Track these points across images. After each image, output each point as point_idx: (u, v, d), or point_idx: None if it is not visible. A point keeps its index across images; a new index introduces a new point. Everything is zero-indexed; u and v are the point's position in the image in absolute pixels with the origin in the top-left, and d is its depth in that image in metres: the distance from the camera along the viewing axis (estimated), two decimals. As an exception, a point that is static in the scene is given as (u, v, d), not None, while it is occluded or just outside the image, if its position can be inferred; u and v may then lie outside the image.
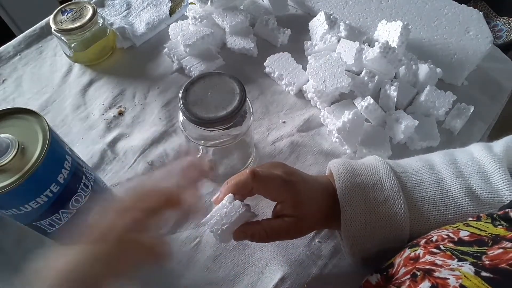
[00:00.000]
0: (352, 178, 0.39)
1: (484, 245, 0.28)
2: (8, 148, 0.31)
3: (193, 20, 0.64)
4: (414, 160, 0.41)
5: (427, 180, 0.38)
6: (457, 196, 0.36)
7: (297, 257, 0.45)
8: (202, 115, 0.40)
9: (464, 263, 0.27)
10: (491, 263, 0.25)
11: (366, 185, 0.38)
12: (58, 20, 0.60)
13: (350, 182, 0.38)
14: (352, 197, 0.37)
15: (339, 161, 0.41)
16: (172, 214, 0.47)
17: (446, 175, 0.38)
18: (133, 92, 0.61)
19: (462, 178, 0.37)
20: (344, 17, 0.66)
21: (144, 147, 0.55)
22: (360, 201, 0.37)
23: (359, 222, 0.37)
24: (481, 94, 0.60)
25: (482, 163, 0.37)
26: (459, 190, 0.36)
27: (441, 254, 0.29)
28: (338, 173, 0.39)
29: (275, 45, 0.65)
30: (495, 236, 0.28)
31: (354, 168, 0.40)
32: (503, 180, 0.35)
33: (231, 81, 0.43)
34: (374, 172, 0.39)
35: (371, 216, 0.37)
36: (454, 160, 0.39)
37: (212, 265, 0.45)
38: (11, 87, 0.63)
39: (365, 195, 0.38)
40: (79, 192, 0.36)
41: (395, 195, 0.37)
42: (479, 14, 0.64)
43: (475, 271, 0.25)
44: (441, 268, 0.28)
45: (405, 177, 0.39)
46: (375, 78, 0.55)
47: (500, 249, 0.26)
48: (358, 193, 0.38)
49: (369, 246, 0.38)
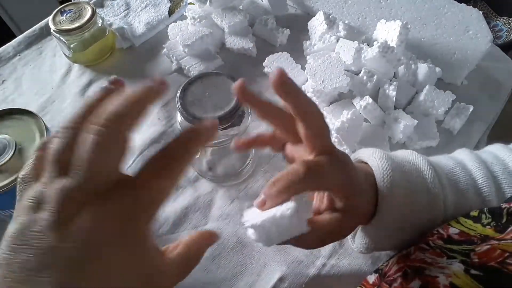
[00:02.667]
0: (394, 172, 0.33)
1: (473, 244, 0.28)
2: (5, 149, 0.31)
3: (192, 20, 0.64)
4: (445, 159, 0.37)
5: (462, 180, 0.35)
6: (487, 197, 0.34)
7: (295, 257, 0.44)
8: (200, 115, 0.40)
9: (453, 261, 0.27)
10: (479, 261, 0.26)
11: (409, 185, 0.34)
12: (57, 20, 0.60)
13: (393, 176, 0.33)
14: (394, 194, 0.33)
15: (377, 151, 0.36)
16: (171, 213, 0.48)
17: (478, 176, 0.35)
18: (132, 92, 0.61)
19: (492, 179, 0.34)
20: (343, 16, 0.66)
21: (143, 147, 0.55)
22: (400, 205, 0.33)
23: (397, 219, 0.33)
24: (480, 94, 0.59)
25: (506, 162, 0.35)
26: (490, 192, 0.34)
27: (430, 251, 0.29)
28: (380, 165, 0.34)
29: (274, 45, 0.65)
30: (484, 237, 0.28)
31: (402, 169, 0.35)
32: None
33: (229, 81, 0.43)
34: (418, 174, 0.34)
35: (409, 217, 0.33)
36: (483, 161, 0.36)
37: (210, 265, 0.45)
38: (11, 87, 0.63)
39: (408, 197, 0.33)
40: (77, 193, 0.36)
41: (436, 198, 0.33)
42: (478, 13, 0.64)
43: (465, 269, 0.25)
44: (431, 266, 0.28)
45: (445, 178, 0.35)
46: (374, 77, 0.55)
47: (487, 246, 0.26)
48: (400, 196, 0.33)
49: (387, 245, 0.36)
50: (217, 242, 0.46)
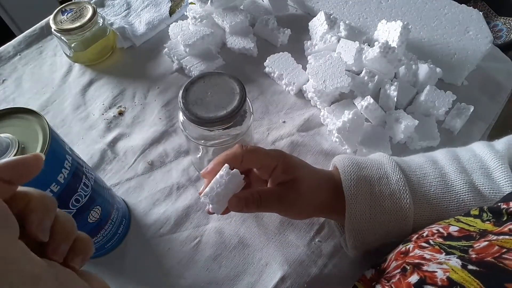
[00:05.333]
0: (358, 171, 0.39)
1: (472, 240, 0.28)
2: (8, 148, 0.31)
3: (193, 20, 0.64)
4: (417, 156, 0.41)
5: (431, 175, 0.38)
6: (460, 191, 0.36)
7: (297, 257, 0.45)
8: (202, 114, 0.40)
9: (451, 257, 0.27)
10: (477, 257, 0.26)
11: (371, 178, 0.38)
12: (58, 20, 0.60)
13: (356, 175, 0.38)
14: (357, 190, 0.37)
15: (344, 156, 0.42)
16: (172, 213, 0.48)
17: (450, 170, 0.38)
18: (133, 92, 0.61)
19: (465, 173, 0.37)
20: (344, 17, 0.66)
21: (144, 147, 0.55)
22: (366, 194, 0.37)
23: (364, 215, 0.37)
24: (481, 94, 0.60)
25: (484, 159, 0.38)
26: (462, 185, 0.36)
27: (429, 248, 0.30)
28: (343, 166, 0.39)
29: (275, 45, 0.65)
30: (482, 231, 0.28)
31: (359, 162, 0.40)
32: (505, 176, 0.35)
33: (231, 81, 0.43)
34: (380, 166, 0.39)
35: (376, 209, 0.37)
36: (457, 156, 0.39)
37: (212, 265, 0.45)
38: (11, 87, 0.63)
39: (371, 189, 0.38)
40: (79, 192, 0.36)
41: (401, 189, 0.37)
42: (478, 14, 0.64)
43: (462, 265, 0.26)
44: (430, 262, 0.28)
45: (409, 172, 0.39)
46: (375, 78, 0.55)
47: (486, 242, 0.27)
48: (363, 186, 0.38)
49: (372, 239, 0.38)
50: (218, 242, 0.47)
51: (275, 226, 0.47)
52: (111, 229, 0.43)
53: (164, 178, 0.52)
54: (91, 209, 0.39)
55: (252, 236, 0.46)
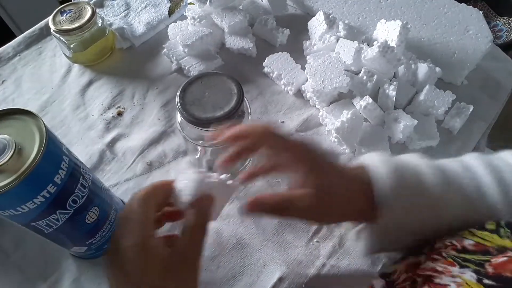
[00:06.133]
0: (397, 178, 0.34)
1: (489, 254, 0.27)
2: (5, 149, 0.31)
3: (192, 20, 0.64)
4: (450, 162, 0.36)
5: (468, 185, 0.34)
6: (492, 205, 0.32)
7: (295, 257, 0.44)
8: (199, 115, 0.40)
9: (466, 270, 0.26)
10: (494, 271, 0.25)
11: (410, 186, 0.34)
12: (57, 20, 0.60)
13: (396, 182, 0.33)
14: (397, 197, 0.33)
15: (380, 157, 0.36)
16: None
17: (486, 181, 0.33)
18: (132, 92, 0.61)
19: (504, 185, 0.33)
20: (343, 16, 0.66)
21: (143, 148, 0.55)
22: (404, 202, 0.33)
23: (401, 220, 0.33)
24: (480, 93, 0.59)
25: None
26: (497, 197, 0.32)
27: (442, 260, 0.29)
28: (380, 171, 0.34)
29: (274, 45, 0.65)
30: (501, 248, 0.27)
31: (397, 165, 0.35)
32: None
33: (228, 81, 0.42)
34: (418, 173, 0.34)
35: (413, 216, 0.33)
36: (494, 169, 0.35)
37: (210, 265, 0.45)
38: (11, 87, 0.63)
39: (410, 197, 0.33)
40: (77, 193, 0.36)
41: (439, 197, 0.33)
42: (478, 13, 0.64)
43: (478, 279, 0.25)
44: (442, 275, 0.27)
45: None
46: (374, 77, 0.55)
47: (505, 258, 0.26)
48: (403, 195, 0.33)
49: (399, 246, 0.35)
50: (217, 242, 0.46)
51: (273, 226, 0.47)
52: (109, 230, 0.43)
53: (163, 179, 0.52)
54: (89, 210, 0.39)
55: (250, 237, 0.46)
